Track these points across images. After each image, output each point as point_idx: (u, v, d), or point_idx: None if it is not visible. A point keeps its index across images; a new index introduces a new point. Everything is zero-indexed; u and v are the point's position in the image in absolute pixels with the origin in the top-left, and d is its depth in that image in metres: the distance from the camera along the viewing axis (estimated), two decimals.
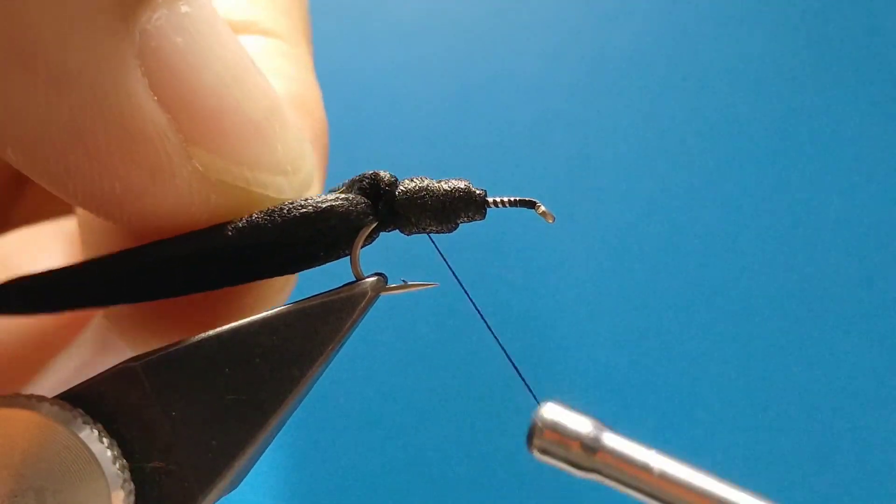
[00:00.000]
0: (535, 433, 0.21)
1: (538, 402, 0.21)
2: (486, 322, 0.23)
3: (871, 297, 0.58)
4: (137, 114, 0.18)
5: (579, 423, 0.21)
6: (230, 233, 0.20)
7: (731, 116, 0.64)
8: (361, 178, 0.21)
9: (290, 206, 0.20)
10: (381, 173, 0.21)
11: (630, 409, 0.56)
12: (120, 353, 0.26)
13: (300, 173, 0.22)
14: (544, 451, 0.21)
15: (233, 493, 0.21)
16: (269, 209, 0.20)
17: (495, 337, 0.23)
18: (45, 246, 0.25)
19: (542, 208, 0.21)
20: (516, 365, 0.23)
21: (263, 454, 0.21)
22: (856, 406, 0.56)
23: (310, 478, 0.54)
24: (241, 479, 0.21)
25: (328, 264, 0.22)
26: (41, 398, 0.18)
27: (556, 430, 0.21)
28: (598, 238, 0.60)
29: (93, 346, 0.25)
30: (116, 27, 0.17)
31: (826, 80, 0.65)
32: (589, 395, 0.56)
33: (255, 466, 0.21)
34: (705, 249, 0.60)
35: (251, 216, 0.20)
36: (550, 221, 0.21)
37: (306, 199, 0.20)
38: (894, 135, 0.63)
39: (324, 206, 0.20)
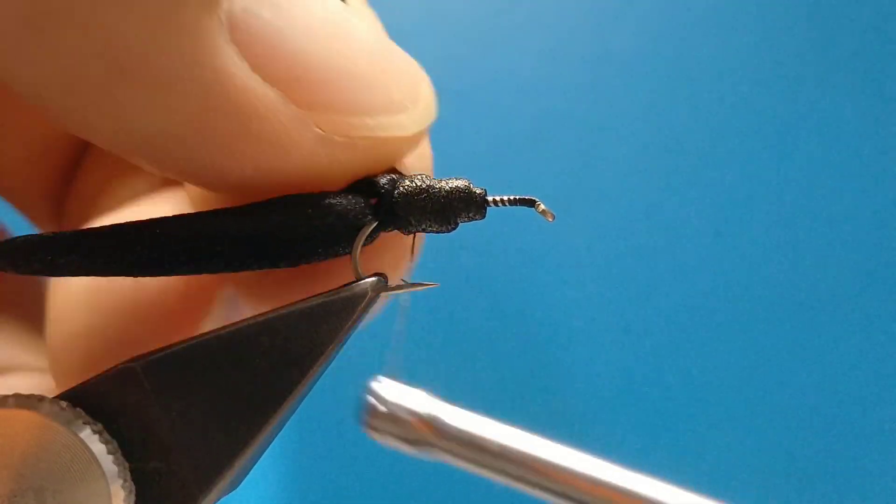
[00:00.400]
0: (367, 411, 0.21)
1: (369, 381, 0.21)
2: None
3: (872, 298, 0.58)
4: (246, 96, 0.18)
5: (411, 398, 0.21)
6: (241, 213, 0.20)
7: (731, 116, 0.64)
8: (359, 181, 0.21)
9: (290, 198, 0.20)
10: (379, 175, 0.21)
11: (630, 408, 0.56)
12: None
13: (419, 104, 0.22)
14: (378, 431, 0.21)
15: (233, 493, 0.21)
16: (267, 200, 0.20)
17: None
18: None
19: (542, 206, 0.21)
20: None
21: (264, 454, 0.21)
22: (856, 406, 0.56)
23: (310, 478, 0.54)
24: (242, 480, 0.21)
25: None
26: (41, 398, 0.18)
27: (387, 407, 0.21)
28: (598, 237, 0.60)
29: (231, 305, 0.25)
30: (201, 19, 0.17)
31: (827, 80, 0.65)
32: (589, 394, 0.56)
33: (255, 467, 0.21)
34: (705, 249, 0.60)
35: (253, 204, 0.20)
36: (550, 220, 0.21)
37: (303, 195, 0.20)
38: (895, 135, 0.63)
39: (323, 202, 0.20)
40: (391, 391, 0.21)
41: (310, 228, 0.20)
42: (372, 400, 0.21)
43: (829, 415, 0.55)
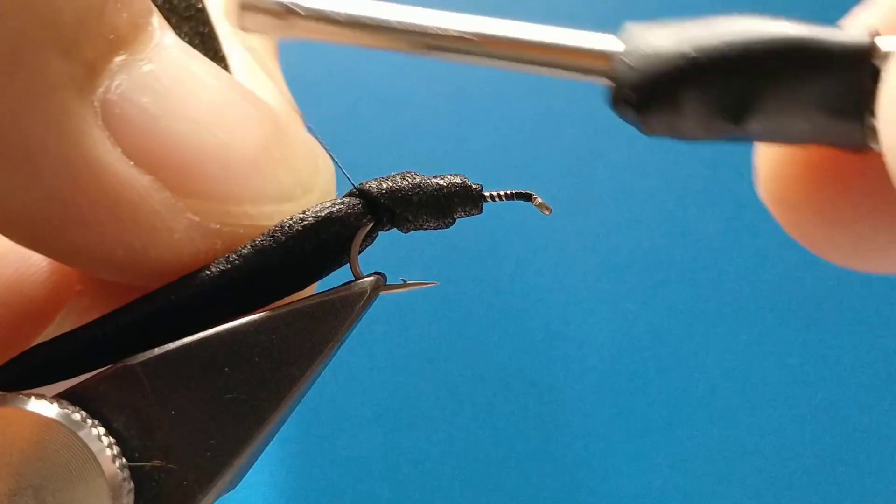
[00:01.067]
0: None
1: None
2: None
3: (872, 297, 0.58)
4: (115, 182, 0.18)
5: None
6: (237, 261, 0.20)
7: None
8: (350, 193, 0.21)
9: (290, 221, 0.20)
10: (367, 184, 0.21)
11: (629, 408, 0.56)
12: None
13: (313, 192, 0.21)
14: (248, 26, 0.21)
15: (232, 492, 0.21)
16: (269, 230, 0.20)
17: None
18: (23, 251, 0.25)
19: (539, 200, 0.22)
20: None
21: (263, 453, 0.21)
22: (856, 406, 0.56)
23: (309, 477, 0.54)
24: (241, 478, 0.21)
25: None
26: (41, 396, 0.18)
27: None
28: (598, 236, 0.60)
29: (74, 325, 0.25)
30: (71, 104, 0.17)
31: None
32: (588, 393, 0.56)
33: (254, 465, 0.22)
34: (705, 248, 0.60)
35: (254, 241, 0.20)
36: (547, 213, 0.22)
37: (304, 212, 0.20)
38: None
39: (323, 213, 0.20)
40: None
41: (317, 243, 0.20)
42: None
43: (829, 414, 0.55)
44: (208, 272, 0.20)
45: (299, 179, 0.21)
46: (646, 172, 0.62)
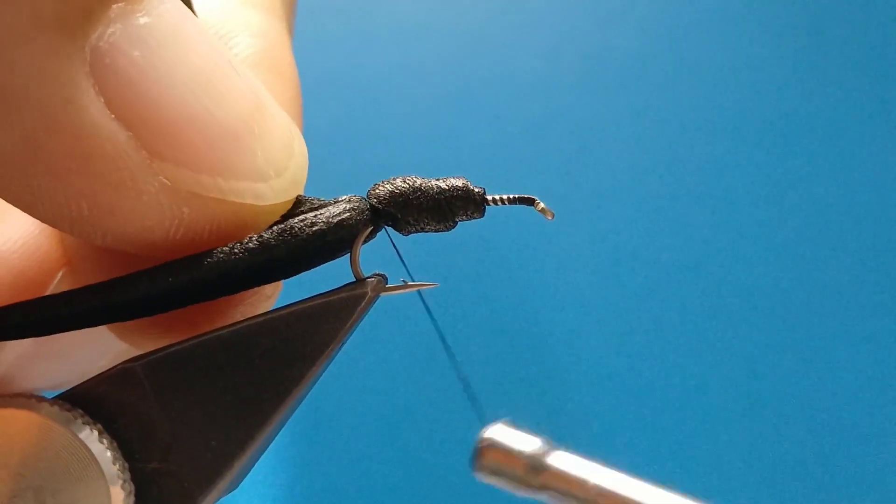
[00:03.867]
0: (479, 453, 0.20)
1: (484, 423, 0.21)
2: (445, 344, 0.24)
3: (872, 298, 0.58)
4: (93, 133, 0.17)
5: (526, 442, 0.20)
6: (242, 254, 0.20)
7: (731, 115, 0.64)
8: (349, 199, 0.21)
9: (301, 223, 0.20)
10: (372, 189, 0.21)
11: (629, 408, 0.56)
12: (54, 348, 0.25)
13: (284, 176, 0.20)
14: (490, 472, 0.21)
15: (233, 493, 0.21)
16: (279, 228, 0.20)
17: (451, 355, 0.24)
18: (15, 219, 0.24)
19: (542, 205, 0.22)
20: (470, 385, 0.24)
21: (263, 454, 0.21)
22: (856, 406, 0.56)
23: (309, 478, 0.54)
24: (241, 480, 0.21)
25: (328, 263, 0.22)
26: (41, 398, 0.18)
27: (500, 450, 0.20)
28: (598, 237, 0.60)
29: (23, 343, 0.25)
30: (61, 46, 0.17)
31: (826, 80, 0.65)
32: (588, 394, 0.56)
33: (254, 466, 0.21)
34: (705, 248, 0.60)
35: (261, 236, 0.20)
36: (550, 218, 0.21)
37: (315, 215, 0.20)
38: (894, 135, 0.63)
39: (335, 221, 0.20)
40: (507, 435, 0.21)
41: (322, 245, 0.21)
42: (485, 443, 0.21)
43: (829, 414, 0.55)
44: (211, 260, 0.20)
45: (274, 160, 0.20)
46: (646, 172, 0.62)
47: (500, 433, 0.21)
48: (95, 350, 0.27)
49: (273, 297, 0.24)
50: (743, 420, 0.55)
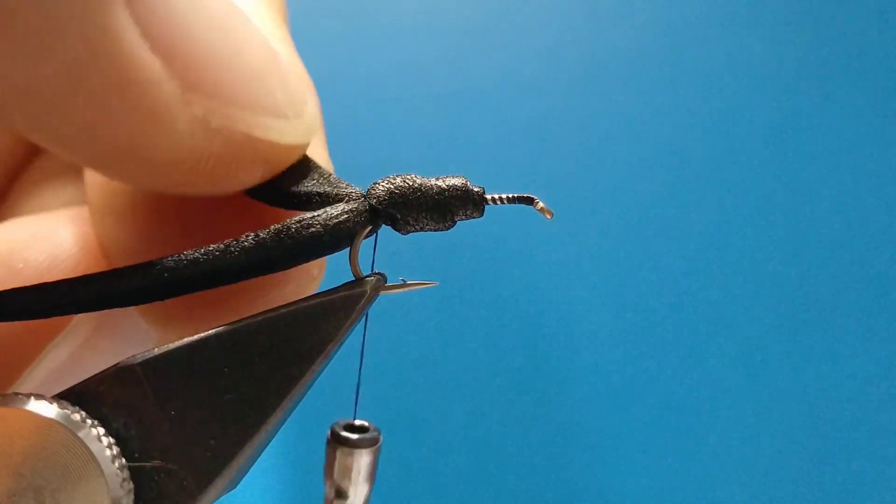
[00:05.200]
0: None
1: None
2: None
3: (871, 298, 0.58)
4: (130, 60, 0.18)
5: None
6: (236, 253, 0.20)
7: (730, 116, 0.64)
8: (348, 198, 0.22)
9: (298, 225, 0.20)
10: (371, 189, 0.22)
11: (629, 408, 0.56)
12: (104, 348, 0.26)
13: (302, 118, 0.22)
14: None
15: (232, 492, 0.21)
16: (276, 228, 0.20)
17: None
18: (53, 238, 0.25)
19: (541, 204, 0.21)
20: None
21: (262, 454, 0.21)
22: (856, 407, 0.56)
23: (308, 477, 0.54)
24: (241, 479, 0.21)
25: (327, 263, 0.22)
26: (40, 397, 0.18)
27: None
28: (597, 236, 0.60)
29: (76, 341, 0.25)
30: None
31: (826, 80, 0.65)
32: (588, 394, 0.56)
33: (254, 466, 0.21)
34: (705, 249, 0.60)
35: (258, 235, 0.20)
36: (549, 217, 0.21)
37: (313, 217, 0.20)
38: (894, 135, 0.63)
39: (332, 224, 0.20)
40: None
41: (320, 245, 0.21)
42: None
43: (829, 414, 0.55)
44: (207, 257, 0.20)
45: (292, 102, 0.21)
46: (646, 172, 0.62)
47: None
48: (134, 346, 0.27)
49: (319, 277, 0.24)
50: (743, 420, 0.55)
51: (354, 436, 0.24)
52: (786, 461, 0.54)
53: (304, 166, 0.22)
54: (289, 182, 0.22)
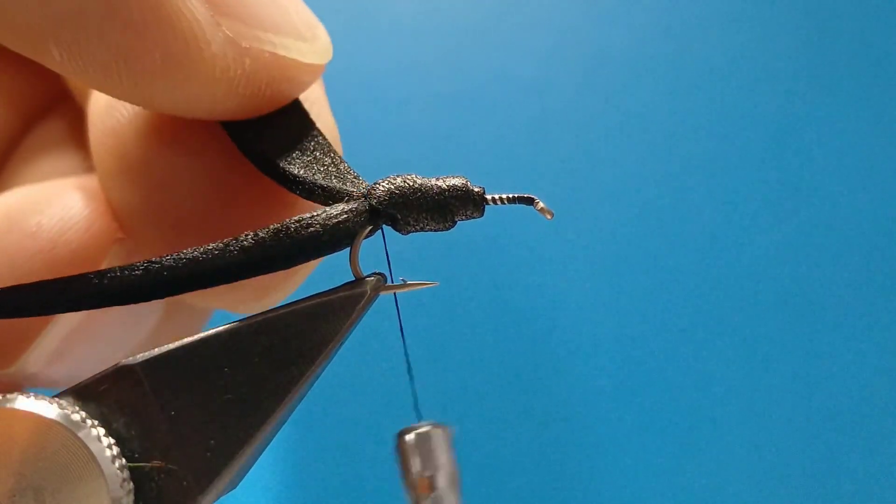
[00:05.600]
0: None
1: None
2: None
3: (871, 298, 0.58)
4: None
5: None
6: (235, 251, 0.20)
7: (731, 116, 0.64)
8: (349, 196, 0.22)
9: (298, 225, 0.20)
10: (371, 190, 0.22)
11: (629, 408, 0.56)
12: (107, 320, 0.26)
13: (319, 41, 0.24)
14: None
15: (232, 492, 0.21)
16: (275, 228, 0.20)
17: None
18: (63, 202, 0.25)
19: (541, 204, 0.21)
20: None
21: (263, 454, 0.21)
22: (856, 406, 0.56)
23: (309, 478, 0.54)
24: (241, 479, 0.21)
25: (327, 262, 0.22)
26: (40, 397, 0.18)
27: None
28: (597, 236, 0.60)
29: (77, 316, 0.25)
30: None
31: (826, 81, 0.65)
32: (588, 394, 0.56)
33: (254, 466, 0.21)
34: (705, 249, 0.60)
35: (257, 234, 0.20)
36: (549, 218, 0.21)
37: (312, 217, 0.20)
38: (894, 135, 0.63)
39: (331, 224, 0.20)
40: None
41: (319, 245, 0.21)
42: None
43: (829, 413, 0.55)
44: (206, 255, 0.20)
45: (309, 24, 0.24)
46: (646, 172, 0.62)
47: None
48: (131, 330, 0.28)
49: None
50: (743, 419, 0.55)
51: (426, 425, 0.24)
52: (786, 461, 0.54)
53: (306, 125, 0.23)
54: (290, 134, 0.23)
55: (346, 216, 0.21)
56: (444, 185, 0.21)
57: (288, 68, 0.22)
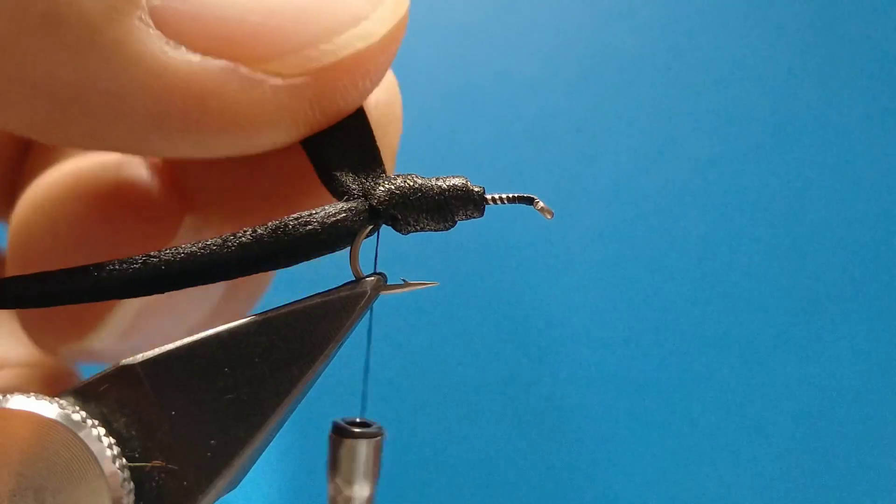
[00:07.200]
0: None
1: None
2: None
3: (871, 298, 0.58)
4: (190, 77, 0.18)
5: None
6: (233, 248, 0.20)
7: (731, 115, 0.64)
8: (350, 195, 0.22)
9: (296, 222, 0.20)
10: (372, 190, 0.22)
11: (629, 408, 0.56)
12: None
13: (385, 2, 0.20)
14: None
15: (232, 492, 0.21)
16: (274, 225, 0.20)
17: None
18: (132, 169, 0.25)
19: (541, 204, 0.21)
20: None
21: (263, 454, 0.21)
22: (856, 406, 0.56)
23: (309, 478, 0.54)
24: (241, 479, 0.21)
25: (327, 261, 0.22)
26: (40, 397, 0.18)
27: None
28: (598, 236, 0.60)
29: None
30: (120, 32, 0.17)
31: (826, 80, 0.65)
32: (586, 393, 0.56)
33: (254, 466, 0.22)
34: (705, 248, 0.60)
35: (255, 231, 0.20)
36: (549, 217, 0.21)
37: (311, 214, 0.20)
38: (894, 135, 0.63)
39: (329, 222, 0.20)
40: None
41: (317, 244, 0.21)
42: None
43: (828, 413, 0.55)
44: (204, 251, 0.20)
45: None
46: (646, 172, 0.62)
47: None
48: (198, 306, 0.28)
49: None
50: (743, 419, 0.55)
51: (357, 429, 0.24)
52: (786, 461, 0.54)
53: (367, 138, 0.22)
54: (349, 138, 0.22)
55: (344, 215, 0.21)
56: (445, 185, 0.21)
57: (359, 63, 0.20)
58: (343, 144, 0.22)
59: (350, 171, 0.22)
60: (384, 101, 0.24)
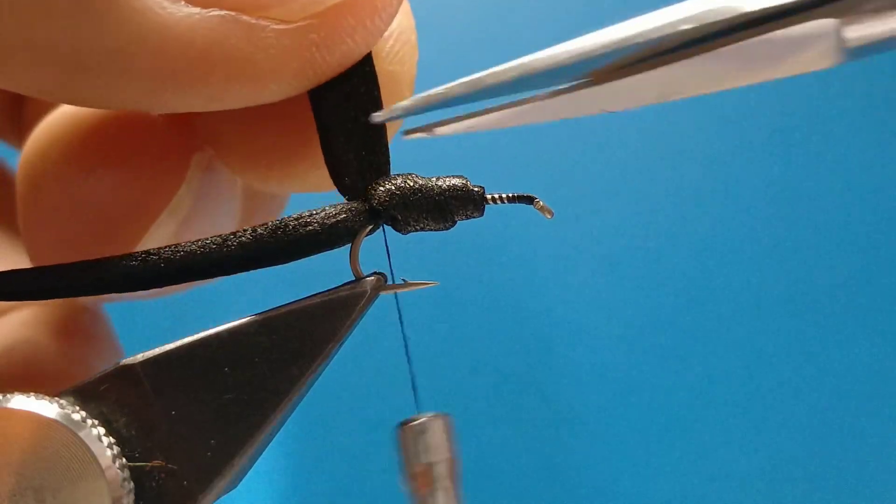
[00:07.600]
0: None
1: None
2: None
3: (871, 298, 0.58)
4: (187, 34, 0.18)
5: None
6: (233, 246, 0.20)
7: (731, 114, 0.64)
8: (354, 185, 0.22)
9: (296, 222, 0.20)
10: (372, 190, 0.22)
11: (629, 407, 0.56)
12: (221, 198, 0.26)
13: None
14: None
15: (232, 492, 0.21)
16: (274, 225, 0.20)
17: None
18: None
19: (541, 203, 0.22)
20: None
21: (263, 454, 0.21)
22: (857, 407, 0.56)
23: (309, 477, 0.54)
24: (241, 479, 0.21)
25: (327, 261, 0.22)
26: (40, 396, 0.18)
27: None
28: (598, 235, 0.60)
29: (180, 216, 0.25)
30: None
31: (827, 80, 0.65)
32: (587, 392, 0.56)
33: (254, 466, 0.22)
34: (705, 248, 0.60)
35: (255, 230, 0.20)
36: (549, 217, 0.22)
37: (311, 214, 0.21)
38: (894, 134, 0.63)
39: (330, 223, 0.20)
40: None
41: (317, 242, 0.21)
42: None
43: (827, 413, 0.55)
44: (204, 249, 0.20)
45: None
46: (646, 172, 0.62)
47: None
48: (229, 216, 0.28)
49: None
50: (743, 419, 0.55)
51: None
52: (786, 461, 0.54)
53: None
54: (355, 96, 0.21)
55: (344, 215, 0.21)
56: (444, 185, 0.21)
57: (361, 4, 0.19)
58: (350, 97, 0.21)
59: (350, 144, 0.21)
60: (397, 29, 0.24)
